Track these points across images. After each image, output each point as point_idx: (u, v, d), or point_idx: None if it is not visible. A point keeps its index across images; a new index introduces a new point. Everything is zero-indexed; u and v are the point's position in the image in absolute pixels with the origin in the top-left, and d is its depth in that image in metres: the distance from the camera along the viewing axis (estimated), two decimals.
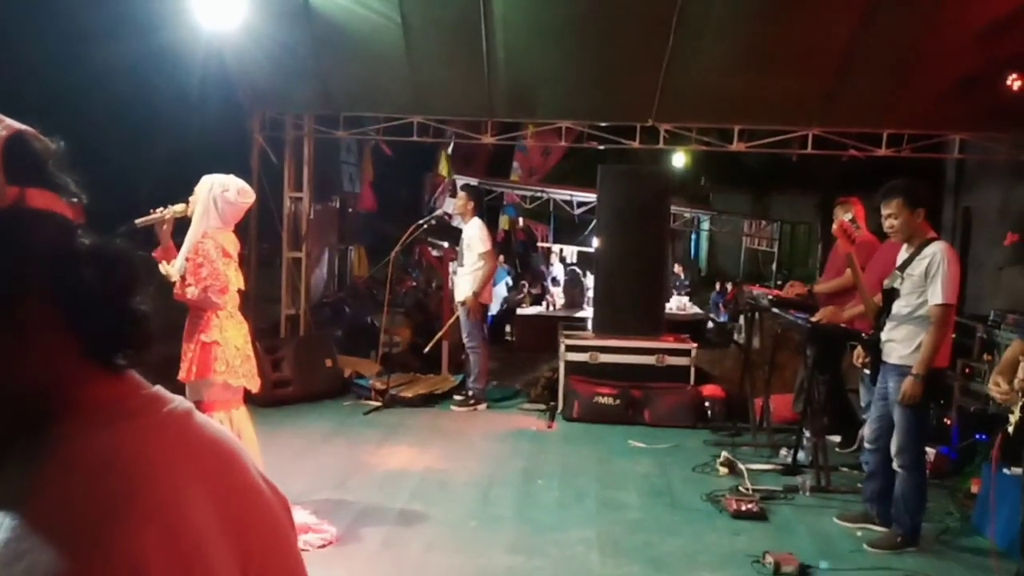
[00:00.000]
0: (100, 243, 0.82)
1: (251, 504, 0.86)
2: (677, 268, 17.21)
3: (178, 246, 4.49)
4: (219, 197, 4.40)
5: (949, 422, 6.45)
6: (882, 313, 4.92)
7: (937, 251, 4.67)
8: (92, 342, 0.81)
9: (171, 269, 4.40)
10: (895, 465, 4.78)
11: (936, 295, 4.61)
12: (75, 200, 0.83)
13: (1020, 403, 3.53)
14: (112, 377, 0.83)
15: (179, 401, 0.86)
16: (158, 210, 4.47)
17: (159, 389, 0.86)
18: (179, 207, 4.48)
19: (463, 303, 7.83)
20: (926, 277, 4.65)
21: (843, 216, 6.81)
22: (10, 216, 0.76)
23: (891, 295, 4.86)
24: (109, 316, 0.81)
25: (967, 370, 6.79)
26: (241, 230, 4.74)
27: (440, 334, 8.68)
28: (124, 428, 0.78)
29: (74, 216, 0.82)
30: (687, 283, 15.94)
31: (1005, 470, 4.75)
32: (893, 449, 4.77)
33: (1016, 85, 7.25)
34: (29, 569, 0.69)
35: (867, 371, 5.24)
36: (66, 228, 0.81)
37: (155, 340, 0.86)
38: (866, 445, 5.14)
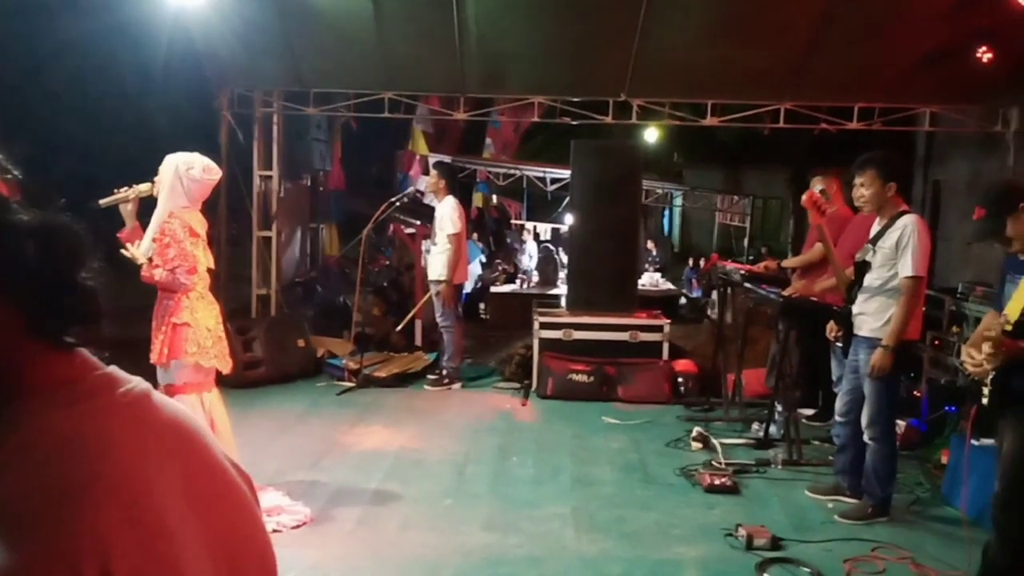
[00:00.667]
0: (40, 218, 0.79)
1: (215, 480, 0.85)
2: (649, 244, 17.23)
3: (144, 227, 4.43)
4: (184, 175, 4.34)
5: (919, 394, 6.52)
6: (854, 286, 4.95)
7: (908, 223, 4.70)
8: (37, 318, 0.78)
9: (137, 252, 4.34)
10: (866, 437, 4.82)
11: (906, 267, 4.64)
12: (9, 176, 0.80)
13: (991, 375, 3.55)
14: (64, 356, 0.81)
15: (136, 382, 0.84)
16: (122, 190, 4.40)
17: (114, 370, 0.84)
18: (144, 187, 4.41)
19: (438, 290, 7.78)
20: (897, 249, 4.68)
21: (815, 187, 6.85)
22: None
23: (863, 268, 4.88)
24: (53, 291, 0.78)
25: (936, 342, 6.86)
26: (210, 209, 4.69)
27: (413, 312, 8.64)
28: (81, 409, 0.76)
29: (9, 192, 0.79)
30: (659, 259, 15.96)
31: (974, 441, 4.80)
32: (864, 421, 4.81)
33: (986, 57, 7.29)
34: None
35: (839, 344, 5.27)
36: (1, 205, 0.77)
37: (104, 315, 0.83)
38: (837, 418, 5.18)
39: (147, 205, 4.43)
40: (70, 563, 0.68)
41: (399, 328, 8.61)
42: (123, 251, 4.36)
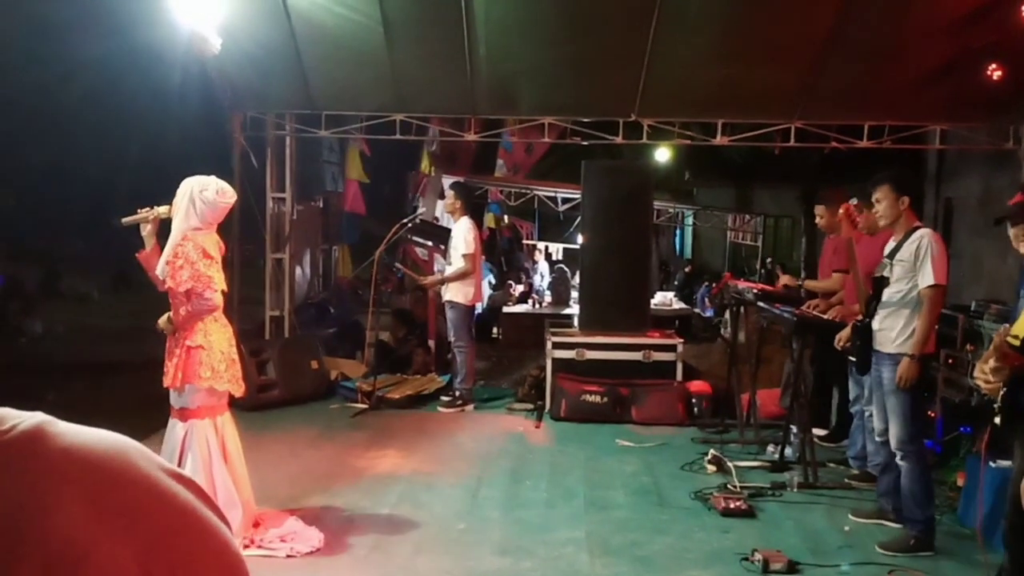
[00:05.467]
0: None
1: (141, 494, 0.82)
2: (685, 267, 17.11)
3: (163, 248, 4.46)
4: (198, 198, 4.37)
5: (933, 415, 6.46)
6: (872, 301, 4.93)
7: (923, 235, 4.71)
8: None
9: (163, 322, 4.41)
10: (897, 458, 4.75)
11: (927, 277, 4.61)
12: None
13: (1001, 393, 3.52)
14: None
15: (25, 417, 0.81)
16: (143, 210, 4.44)
17: (3, 411, 0.82)
18: (163, 209, 4.45)
19: (450, 302, 7.81)
20: (916, 261, 4.66)
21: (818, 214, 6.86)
22: None
23: (881, 283, 4.87)
24: None
25: (950, 361, 6.81)
26: (223, 232, 4.70)
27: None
28: None
29: None
30: (706, 303, 15.63)
31: (991, 463, 4.76)
32: (893, 442, 4.74)
33: (996, 75, 7.27)
34: None
35: (851, 358, 5.22)
36: None
37: None
38: (877, 438, 5.11)
39: (166, 228, 4.47)
40: None
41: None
42: (158, 323, 4.42)
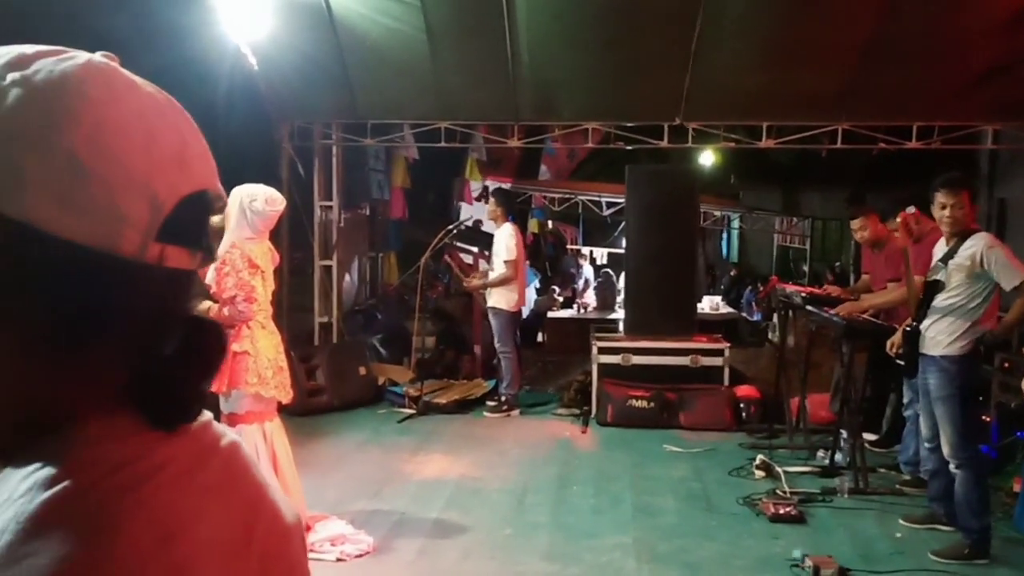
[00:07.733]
0: (199, 320, 0.80)
1: (261, 513, 0.84)
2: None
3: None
4: (248, 208, 4.43)
5: (988, 419, 6.34)
6: (923, 305, 4.83)
7: (979, 240, 4.59)
8: (143, 406, 0.78)
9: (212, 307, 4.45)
10: (951, 467, 4.67)
11: (1013, 277, 4.48)
12: (200, 253, 0.82)
13: None
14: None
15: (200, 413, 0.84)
16: None
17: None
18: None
19: (493, 308, 7.85)
20: (979, 267, 4.55)
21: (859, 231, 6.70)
22: (141, 270, 0.73)
23: (933, 287, 4.76)
24: (171, 391, 0.78)
25: (1006, 365, 6.67)
26: (273, 240, 4.76)
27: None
28: (138, 439, 0.76)
29: (192, 264, 0.81)
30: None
31: None
32: (946, 450, 4.65)
33: None
34: (24, 572, 0.67)
35: (901, 362, 5.13)
36: (176, 292, 0.79)
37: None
38: (925, 444, 5.02)
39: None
40: None
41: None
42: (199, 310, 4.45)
